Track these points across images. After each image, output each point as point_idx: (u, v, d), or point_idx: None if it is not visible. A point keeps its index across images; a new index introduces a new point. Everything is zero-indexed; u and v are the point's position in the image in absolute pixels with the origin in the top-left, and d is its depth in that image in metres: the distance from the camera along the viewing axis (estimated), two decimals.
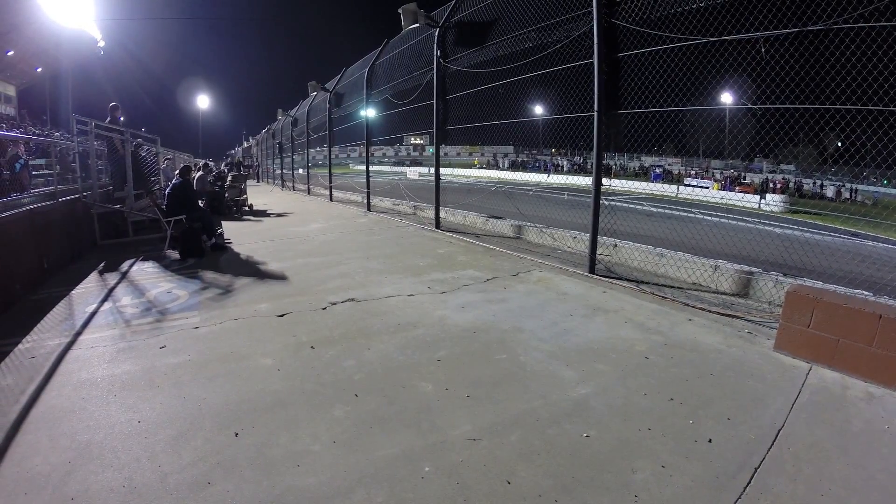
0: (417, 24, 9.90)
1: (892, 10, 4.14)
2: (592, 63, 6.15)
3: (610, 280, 6.12)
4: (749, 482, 2.48)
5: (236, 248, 8.70)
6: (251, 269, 6.99)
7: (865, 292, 4.73)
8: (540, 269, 6.76)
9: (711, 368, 3.76)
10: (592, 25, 6.15)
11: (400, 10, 9.79)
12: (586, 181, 6.44)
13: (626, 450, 2.71)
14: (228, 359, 3.90)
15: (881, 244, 14.24)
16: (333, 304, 5.26)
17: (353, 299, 5.40)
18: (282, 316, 4.91)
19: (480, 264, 7.05)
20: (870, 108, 4.40)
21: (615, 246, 7.04)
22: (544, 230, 8.77)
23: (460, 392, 3.34)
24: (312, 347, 4.11)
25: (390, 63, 12.66)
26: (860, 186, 33.85)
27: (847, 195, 32.38)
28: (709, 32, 5.23)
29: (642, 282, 6.02)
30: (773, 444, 2.81)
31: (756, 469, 2.58)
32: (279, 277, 6.45)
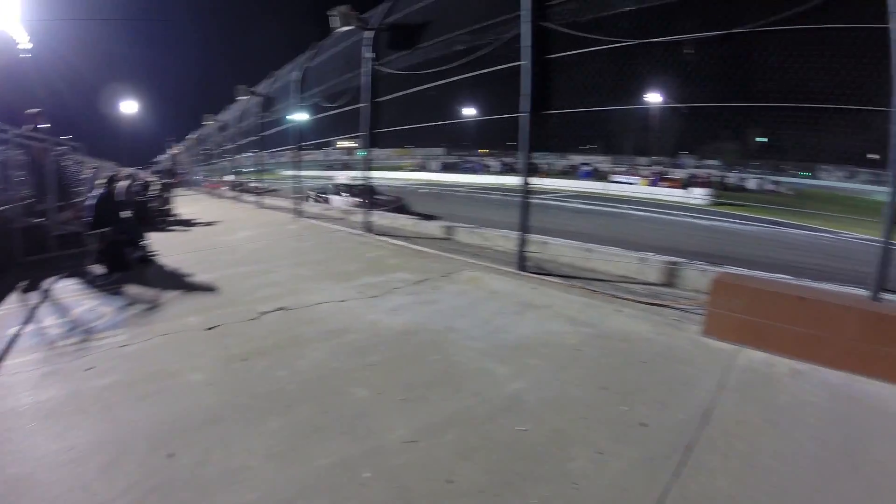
0: (350, 27, 9.76)
1: (813, 15, 4.44)
2: (523, 65, 6.25)
3: (540, 277, 6.25)
4: (683, 461, 2.59)
5: (163, 260, 8.34)
6: (179, 282, 6.72)
7: (787, 276, 5.03)
8: (470, 268, 6.82)
9: (642, 356, 3.90)
10: (524, 28, 6.25)
11: (334, 12, 9.57)
12: (516, 181, 6.54)
13: (563, 440, 2.78)
14: (158, 376, 3.72)
15: (803, 231, 15.14)
16: (264, 313, 5.12)
17: (283, 308, 5.27)
18: (211, 329, 4.74)
19: (411, 266, 7.05)
20: (794, 105, 4.74)
21: (544, 243, 7.19)
22: (474, 230, 8.86)
23: (395, 395, 3.33)
24: (244, 359, 3.99)
25: (322, 66, 12.45)
26: (782, 178, 35.91)
27: (770, 187, 34.21)
28: (637, 35, 5.43)
29: (572, 277, 6.18)
30: (705, 424, 2.95)
31: (690, 448, 2.70)
32: (208, 289, 6.23)
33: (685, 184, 32.87)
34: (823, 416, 3.21)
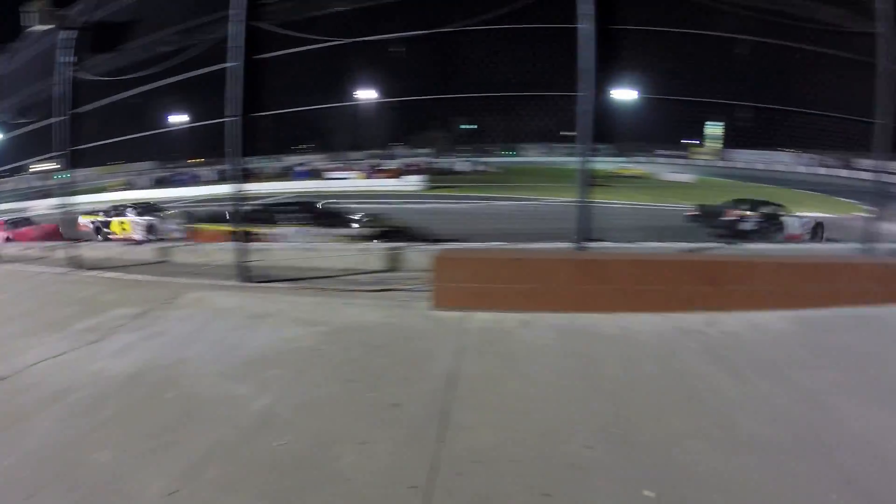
0: (49, 26, 7.98)
1: (512, 15, 5.06)
2: (233, 67, 5.88)
3: (266, 285, 6.07)
4: (443, 427, 2.77)
5: None
6: None
7: (501, 243, 5.70)
8: (193, 289, 6.27)
9: (380, 342, 4.04)
10: (235, 28, 5.86)
11: (31, 8, 7.68)
12: (230, 189, 6.20)
13: (324, 441, 2.75)
14: None
15: (512, 202, 17.31)
16: None
17: None
18: None
19: (130, 299, 6.22)
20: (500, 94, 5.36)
21: (265, 250, 6.99)
22: (191, 247, 8.22)
23: (141, 448, 2.92)
24: None
25: (15, 74, 10.05)
26: (489, 159, 40.58)
27: (479, 168, 38.30)
28: (349, 34, 5.51)
29: (298, 279, 6.12)
30: (453, 388, 3.20)
31: (445, 413, 2.91)
32: None
33: (400, 173, 34.94)
34: (556, 352, 3.82)
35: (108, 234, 16.03)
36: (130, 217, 15.77)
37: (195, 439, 2.94)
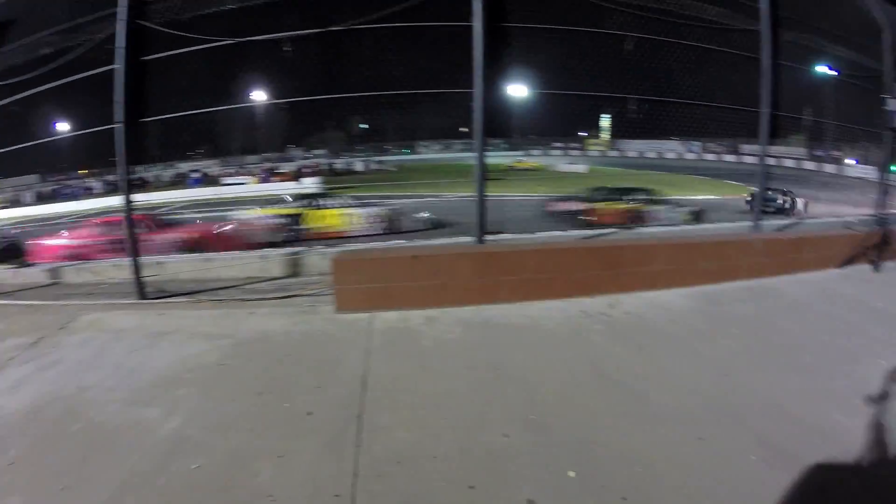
0: None
1: (405, 14, 4.99)
2: (116, 69, 5.43)
3: (164, 301, 5.69)
4: (359, 430, 2.73)
5: None
6: None
7: (400, 241, 5.68)
8: (89, 311, 5.80)
9: (287, 350, 3.91)
10: (119, 27, 5.38)
11: None
12: (119, 201, 5.78)
13: (241, 459, 2.63)
14: None
15: (411, 200, 17.36)
16: None
17: None
18: None
19: (21, 327, 5.66)
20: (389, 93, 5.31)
21: (160, 263, 6.59)
22: (82, 266, 7.62)
23: (51, 489, 2.64)
24: None
25: None
26: (386, 157, 40.60)
27: (375, 167, 38.23)
28: (239, 33, 5.27)
29: (197, 291, 5.80)
30: (365, 390, 3.16)
31: (360, 417, 2.86)
32: None
33: (296, 175, 34.42)
34: (464, 345, 3.84)
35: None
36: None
37: (107, 472, 2.71)
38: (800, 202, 17.66)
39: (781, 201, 17.60)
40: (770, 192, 16.69)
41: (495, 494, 2.30)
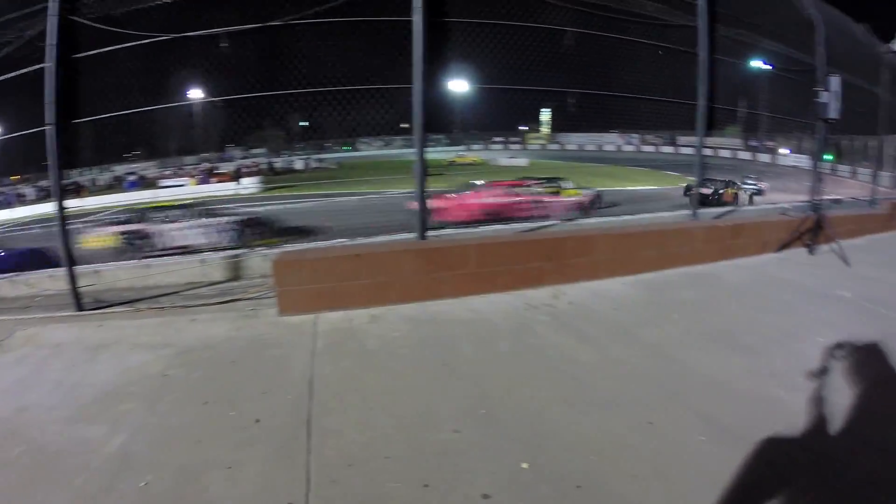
0: None
1: (339, 10, 4.91)
2: (46, 68, 5.15)
3: (102, 311, 5.43)
4: (309, 435, 2.69)
5: None
6: None
7: (343, 240, 5.62)
8: (24, 326, 5.49)
9: (231, 357, 3.81)
10: (50, 23, 5.09)
11: None
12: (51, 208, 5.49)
13: (189, 473, 2.55)
14: None
15: (353, 197, 17.24)
16: None
17: None
18: None
19: None
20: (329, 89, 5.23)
21: (97, 272, 6.31)
22: (16, 279, 7.25)
23: None
24: None
25: None
26: (326, 155, 40.17)
27: (316, 165, 37.78)
28: (174, 29, 5.09)
29: (137, 300, 5.57)
30: (312, 393, 3.12)
31: (309, 421, 2.82)
32: None
33: (235, 176, 33.80)
34: (411, 342, 3.85)
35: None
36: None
37: (53, 497, 2.57)
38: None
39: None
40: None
41: (450, 491, 2.30)
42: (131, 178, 40.10)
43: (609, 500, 2.27)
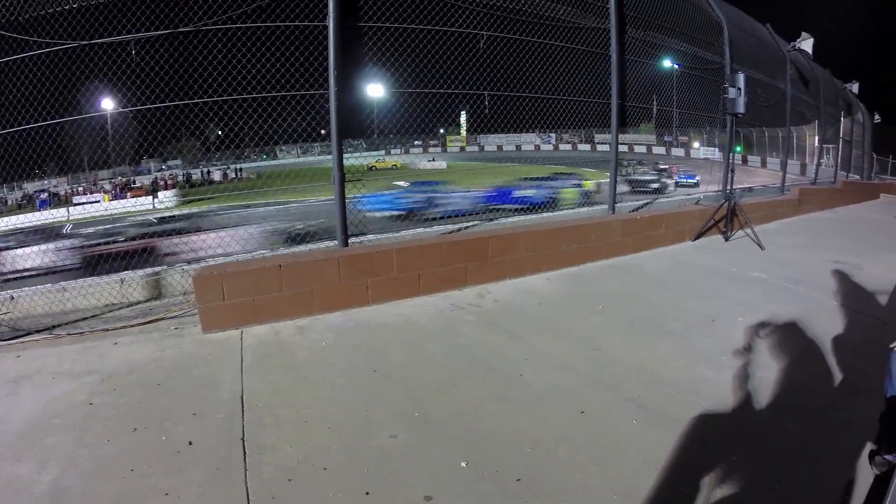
0: None
1: (254, 14, 4.81)
2: None
3: (21, 340, 5.08)
4: (245, 453, 2.65)
5: None
6: None
7: (264, 251, 5.52)
8: None
9: (157, 379, 3.69)
10: None
11: None
12: None
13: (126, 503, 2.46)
14: None
15: (274, 207, 16.88)
16: None
17: None
18: None
19: None
20: (246, 96, 5.10)
21: (10, 298, 5.93)
22: None
23: None
24: None
25: None
26: (244, 165, 39.29)
27: (234, 175, 36.89)
28: (81, 36, 4.83)
29: (55, 326, 5.22)
30: (245, 410, 3.07)
31: (244, 439, 2.78)
32: None
33: (151, 189, 32.64)
34: (339, 351, 3.86)
35: None
36: None
37: None
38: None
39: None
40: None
41: (392, 497, 2.33)
42: (42, 196, 37.66)
43: (549, 490, 2.36)
